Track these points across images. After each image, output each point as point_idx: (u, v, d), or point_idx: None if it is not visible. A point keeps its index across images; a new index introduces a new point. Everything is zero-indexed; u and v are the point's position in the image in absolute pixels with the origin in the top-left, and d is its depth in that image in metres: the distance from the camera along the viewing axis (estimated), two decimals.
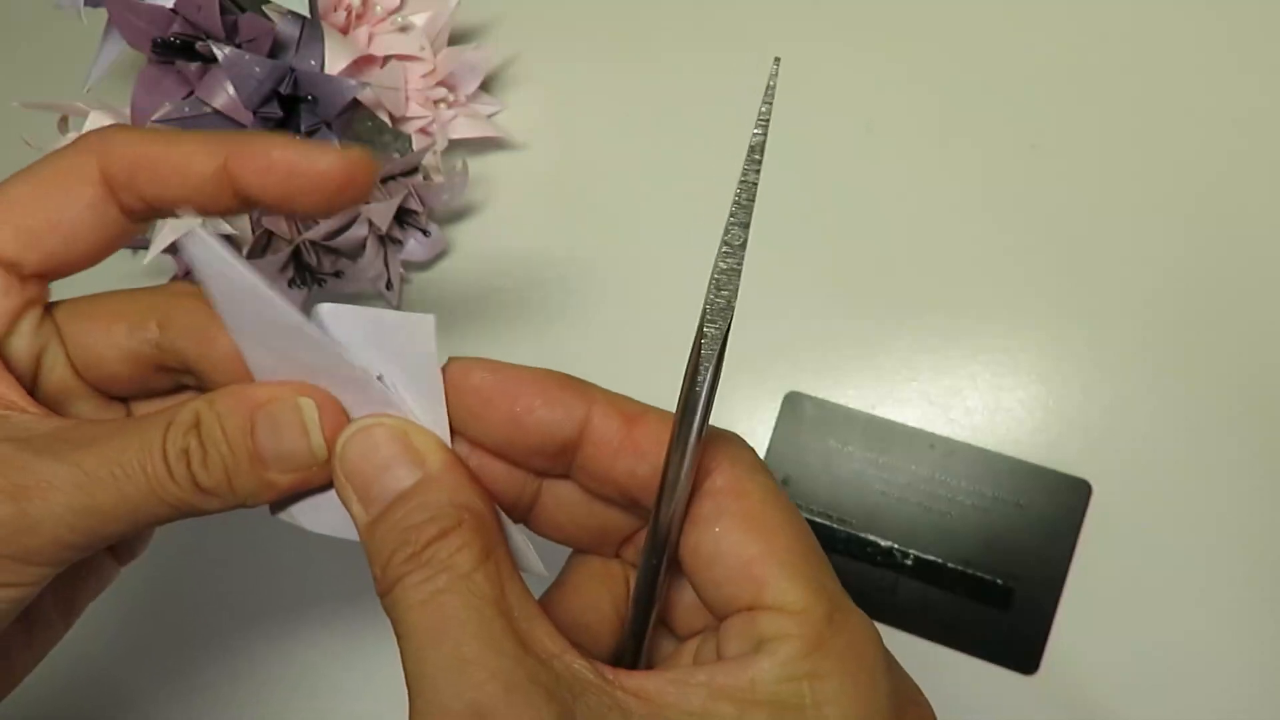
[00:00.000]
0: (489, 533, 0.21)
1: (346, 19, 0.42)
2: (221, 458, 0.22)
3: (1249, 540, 0.40)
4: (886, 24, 0.47)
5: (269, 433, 0.22)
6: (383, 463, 0.22)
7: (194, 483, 0.22)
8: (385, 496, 0.22)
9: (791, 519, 0.22)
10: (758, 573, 0.21)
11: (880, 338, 0.44)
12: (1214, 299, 0.42)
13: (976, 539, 0.41)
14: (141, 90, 0.39)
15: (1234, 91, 0.44)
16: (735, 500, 0.22)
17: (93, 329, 0.25)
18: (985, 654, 0.41)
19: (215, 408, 0.22)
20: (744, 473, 0.22)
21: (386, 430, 0.22)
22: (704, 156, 0.47)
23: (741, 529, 0.22)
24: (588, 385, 0.23)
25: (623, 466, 0.22)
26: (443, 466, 0.22)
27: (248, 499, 0.23)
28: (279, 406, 0.22)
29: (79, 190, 0.24)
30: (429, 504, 0.21)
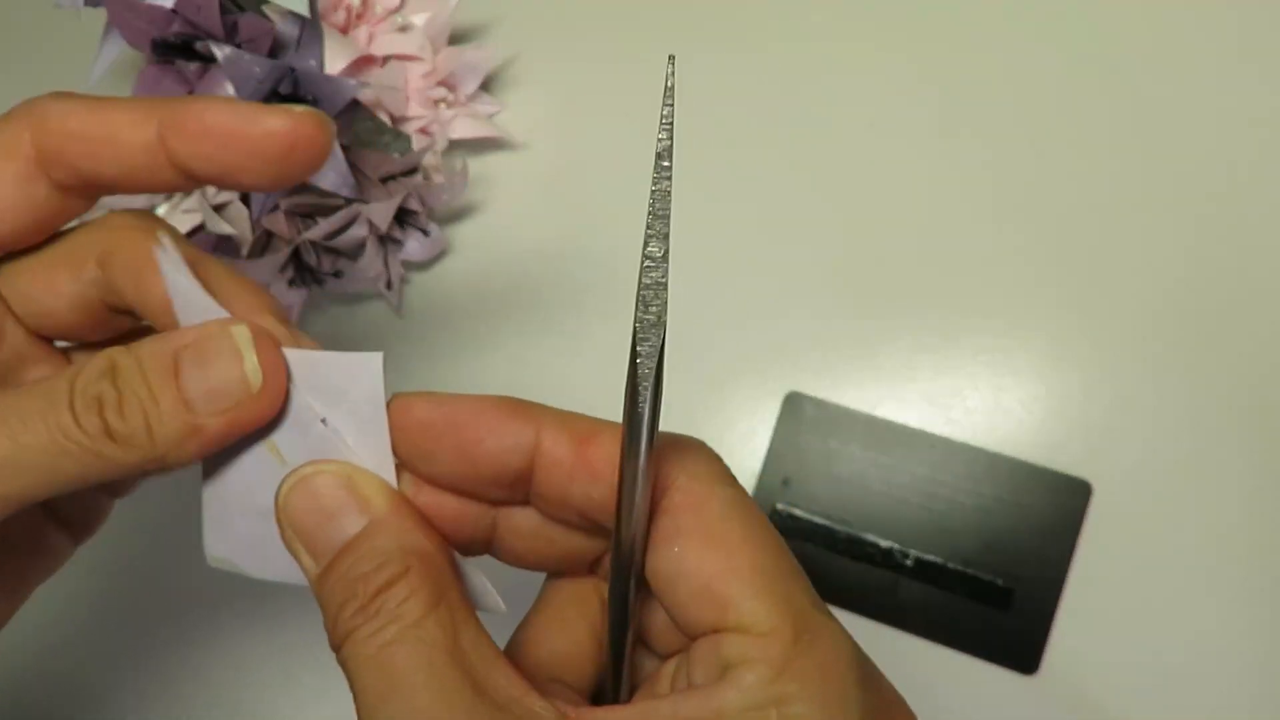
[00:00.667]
0: (440, 576, 0.20)
1: (346, 19, 0.42)
2: (139, 402, 0.20)
3: (1249, 540, 0.40)
4: (888, 23, 0.47)
5: (195, 369, 0.21)
6: (327, 511, 0.21)
7: (105, 431, 0.20)
8: (332, 546, 0.21)
9: (756, 531, 0.21)
10: (720, 592, 0.20)
11: (880, 338, 0.44)
12: (1215, 299, 0.42)
13: (976, 539, 0.41)
14: (141, 90, 0.39)
15: (1234, 92, 0.44)
16: (693, 516, 0.21)
17: (34, 283, 0.23)
18: (985, 654, 0.41)
19: (135, 352, 0.21)
20: (703, 486, 0.21)
21: (329, 477, 0.21)
22: (704, 155, 0.47)
23: (701, 546, 0.21)
24: (536, 408, 0.22)
25: (578, 490, 0.21)
26: (389, 510, 0.21)
27: (170, 451, 0.21)
28: (207, 340, 0.21)
29: (6, 165, 0.22)
30: (375, 551, 0.20)
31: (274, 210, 0.42)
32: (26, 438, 0.20)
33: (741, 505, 0.21)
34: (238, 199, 0.42)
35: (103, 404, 0.20)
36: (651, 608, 0.23)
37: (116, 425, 0.20)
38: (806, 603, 0.21)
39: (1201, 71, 0.45)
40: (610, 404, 0.48)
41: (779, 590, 0.20)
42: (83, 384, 0.20)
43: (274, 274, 0.43)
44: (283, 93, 0.38)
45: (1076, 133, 0.45)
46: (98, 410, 0.20)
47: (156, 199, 0.42)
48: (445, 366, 0.46)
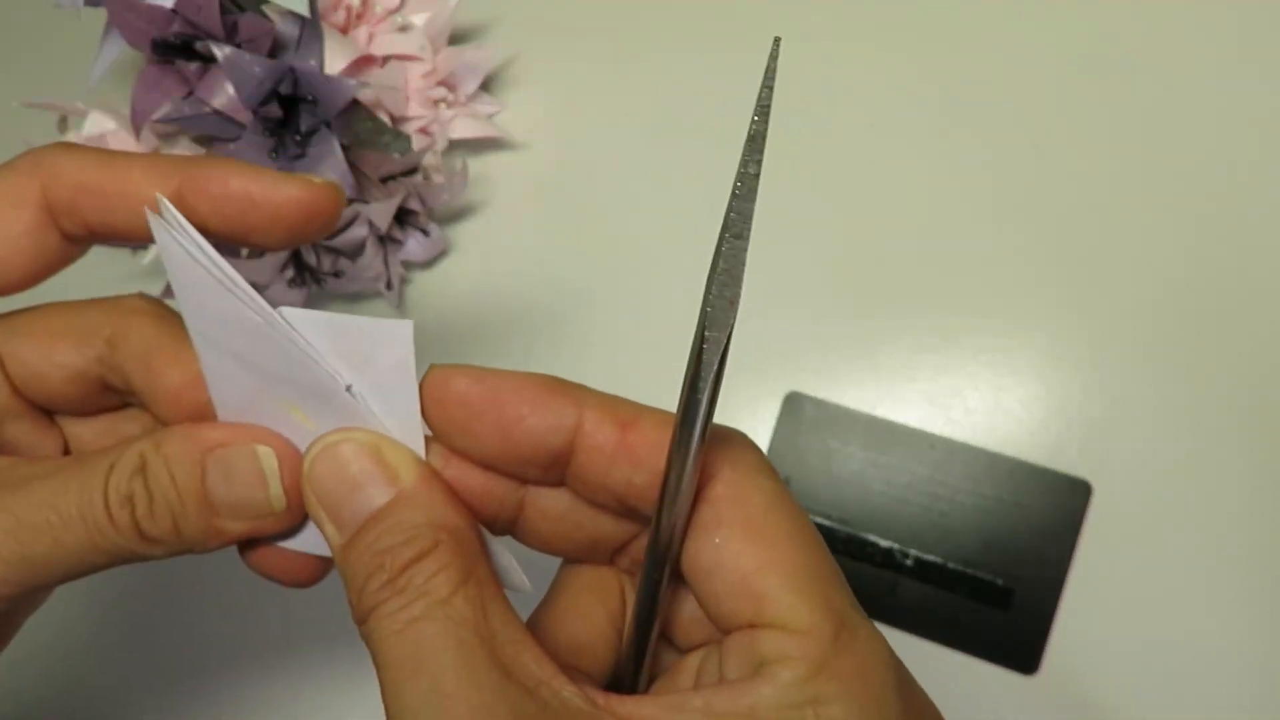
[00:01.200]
0: (469, 552, 0.20)
1: (346, 19, 0.42)
2: (169, 504, 0.21)
3: (1249, 540, 0.40)
4: (888, 22, 0.47)
5: (221, 479, 0.21)
6: (353, 481, 0.20)
7: (137, 530, 0.21)
8: (358, 518, 0.20)
9: (798, 527, 0.21)
10: (759, 587, 0.20)
11: (880, 338, 0.44)
12: (1215, 299, 0.42)
13: (976, 539, 0.41)
14: (141, 90, 0.39)
15: (1234, 92, 0.44)
16: (736, 508, 0.20)
17: (32, 347, 0.23)
18: (985, 654, 0.41)
19: (163, 451, 0.21)
20: (746, 477, 0.21)
21: (356, 445, 0.21)
22: (704, 156, 0.47)
23: (742, 539, 0.20)
24: (578, 389, 0.21)
25: (619, 475, 0.21)
26: (417, 482, 0.21)
27: (195, 546, 0.22)
28: (234, 453, 0.21)
29: (16, 214, 0.22)
30: (404, 524, 0.20)
31: None
32: (66, 536, 0.20)
33: (784, 500, 0.21)
34: None
35: (134, 504, 0.21)
36: (678, 599, 0.23)
37: (147, 526, 0.21)
38: (846, 603, 0.20)
39: (1201, 72, 0.45)
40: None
41: (819, 589, 0.20)
42: (116, 482, 0.21)
43: (274, 273, 0.43)
44: (283, 93, 0.38)
45: (1076, 133, 0.45)
46: (130, 510, 0.21)
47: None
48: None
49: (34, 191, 0.22)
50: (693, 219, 0.46)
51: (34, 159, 0.22)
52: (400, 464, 0.21)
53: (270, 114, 0.39)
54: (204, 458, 0.21)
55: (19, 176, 0.22)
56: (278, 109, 0.39)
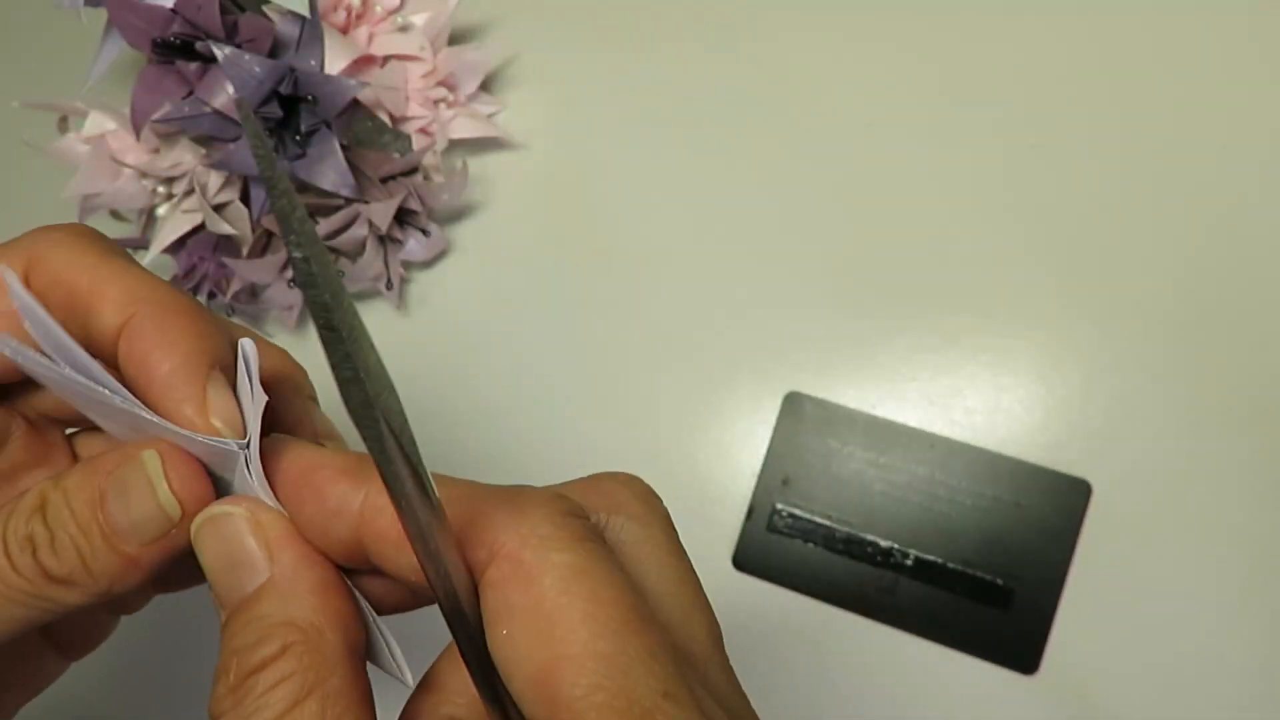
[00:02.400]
0: (321, 661, 0.18)
1: (346, 19, 0.42)
2: (71, 539, 0.19)
3: (1249, 540, 0.40)
4: (888, 23, 0.47)
5: (120, 501, 0.19)
6: (232, 559, 0.19)
7: (43, 573, 0.19)
8: (233, 599, 0.19)
9: (601, 606, 0.17)
10: (551, 688, 0.17)
11: (880, 338, 0.44)
12: (1214, 299, 0.42)
13: (976, 539, 0.41)
14: (141, 90, 0.39)
15: (1236, 95, 0.44)
16: (521, 591, 0.17)
17: None
18: (985, 654, 0.41)
19: (62, 485, 0.20)
20: (533, 552, 0.18)
21: (238, 521, 0.19)
22: (704, 155, 0.47)
23: (530, 628, 0.17)
24: (371, 466, 0.18)
25: (406, 563, 0.18)
26: (290, 568, 0.19)
27: (113, 584, 0.20)
28: (125, 469, 0.19)
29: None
30: (258, 622, 0.18)
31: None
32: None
33: (585, 573, 0.18)
34: (238, 199, 0.42)
35: (35, 545, 0.19)
36: None
37: (52, 566, 0.19)
38: (656, 696, 0.17)
39: (1205, 74, 0.45)
40: (614, 402, 0.48)
41: (619, 683, 0.17)
42: (15, 525, 0.19)
43: (274, 274, 0.43)
44: (283, 93, 0.38)
45: (1076, 133, 0.45)
46: (31, 552, 0.19)
47: (157, 198, 0.42)
48: (446, 365, 0.46)
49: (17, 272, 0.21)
50: (692, 218, 0.46)
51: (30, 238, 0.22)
52: (276, 544, 0.19)
53: (270, 114, 0.39)
54: (102, 485, 0.20)
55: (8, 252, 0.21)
56: (278, 109, 0.39)
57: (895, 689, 0.41)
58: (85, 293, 0.21)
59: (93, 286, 0.21)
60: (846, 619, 0.42)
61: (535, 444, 0.45)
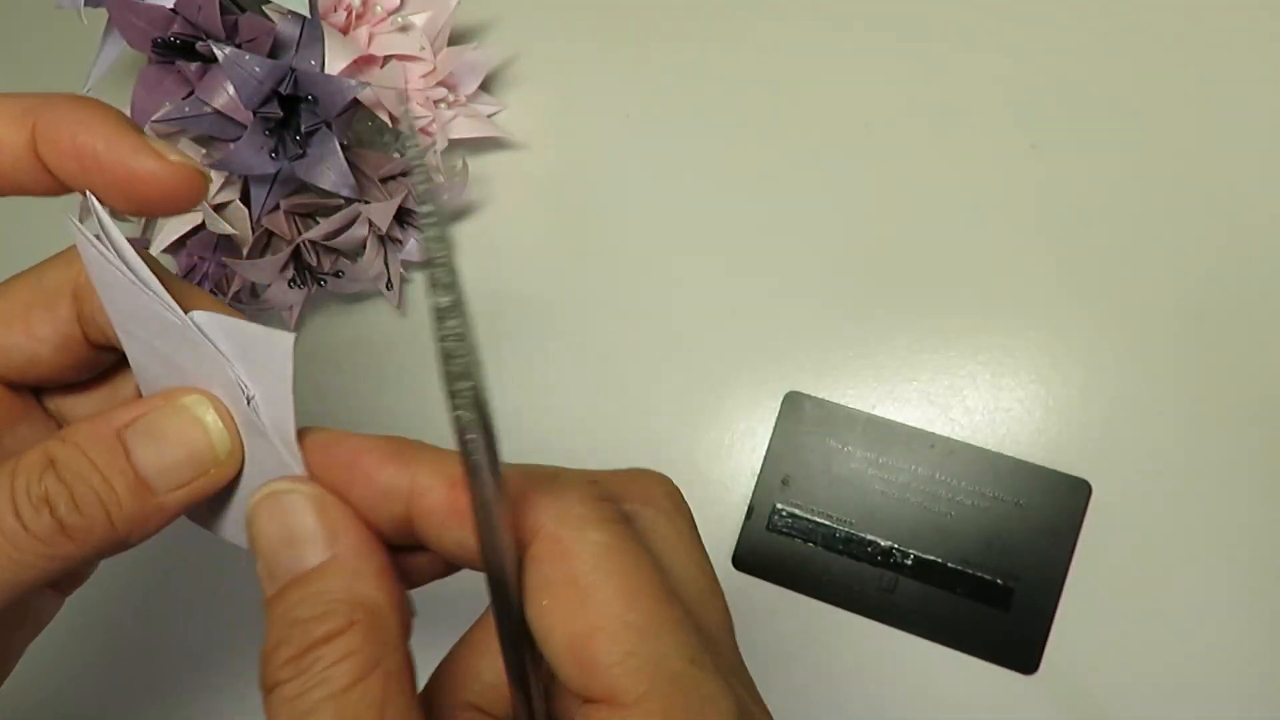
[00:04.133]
0: (382, 640, 0.18)
1: (346, 19, 0.42)
2: (94, 492, 0.19)
3: (1248, 540, 0.40)
4: (887, 23, 0.47)
5: (150, 446, 0.20)
6: (291, 535, 0.19)
7: (61, 531, 0.19)
8: (288, 573, 0.19)
9: (632, 580, 0.19)
10: (587, 655, 0.18)
11: (880, 338, 0.44)
12: (1215, 299, 0.42)
13: (976, 539, 0.41)
14: (142, 90, 0.39)
15: (1236, 92, 0.44)
16: (559, 566, 0.19)
17: (12, 331, 0.22)
18: (985, 654, 0.41)
19: (72, 440, 0.20)
20: (571, 531, 0.19)
21: (302, 499, 0.20)
22: (704, 154, 0.47)
23: (567, 600, 0.18)
24: (415, 448, 0.20)
25: (450, 537, 0.20)
26: (353, 548, 0.19)
27: (133, 532, 0.20)
28: (156, 415, 0.20)
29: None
30: (323, 595, 0.19)
31: (274, 210, 0.42)
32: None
33: (618, 551, 0.19)
34: (238, 199, 0.42)
35: (52, 502, 0.19)
36: None
37: (72, 520, 0.19)
38: (683, 662, 0.18)
39: (1205, 73, 0.45)
40: (611, 400, 0.48)
41: (651, 649, 0.18)
42: (24, 485, 0.19)
43: (275, 274, 0.43)
44: (283, 93, 0.38)
45: (1076, 132, 0.45)
46: (48, 510, 0.19)
47: None
48: None
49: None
50: (692, 218, 0.46)
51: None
52: (343, 525, 0.19)
53: (270, 114, 0.39)
54: (120, 434, 0.20)
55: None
56: (278, 109, 0.39)
57: (895, 689, 0.41)
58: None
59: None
60: (846, 619, 0.42)
61: (535, 443, 0.45)
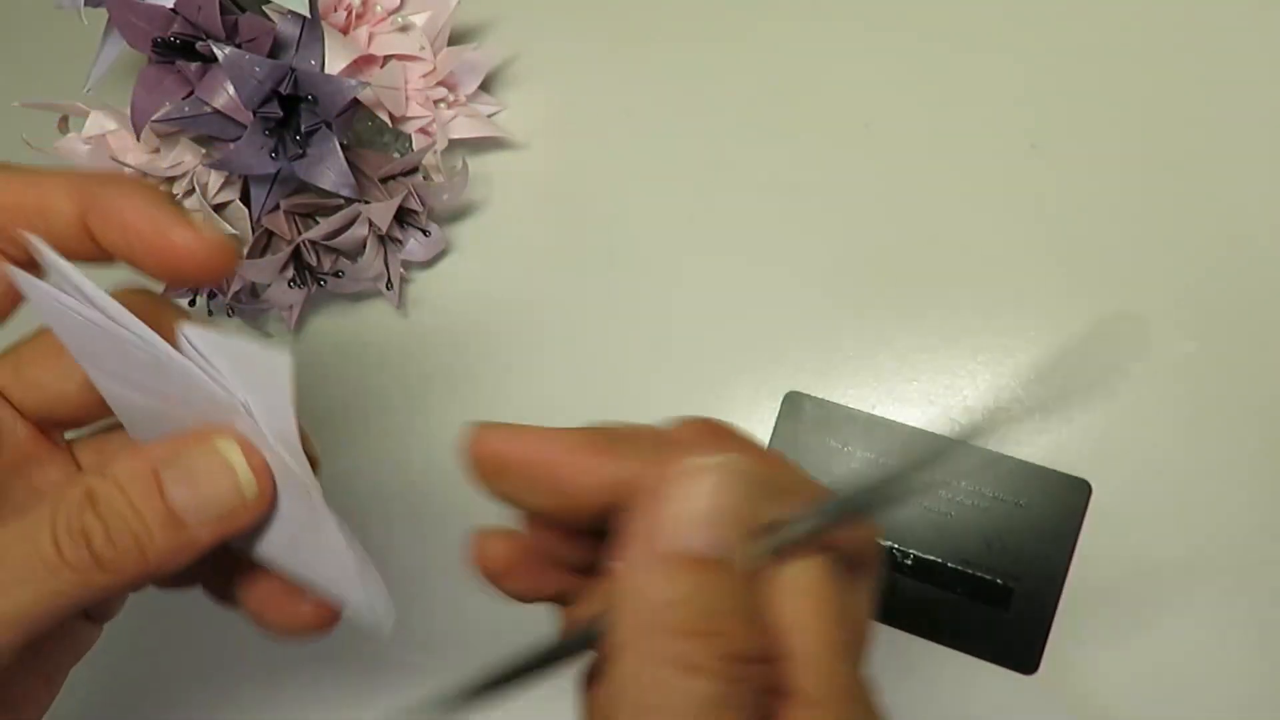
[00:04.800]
0: (755, 694, 0.20)
1: (347, 19, 0.42)
2: (128, 527, 0.20)
3: (1248, 540, 0.40)
4: (887, 23, 0.47)
5: (183, 484, 0.21)
6: (701, 518, 0.20)
7: (96, 563, 0.20)
8: (656, 543, 0.20)
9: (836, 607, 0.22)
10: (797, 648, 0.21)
11: (880, 338, 0.44)
12: (1215, 298, 0.42)
13: (976, 539, 0.41)
14: (142, 90, 0.39)
15: (1237, 91, 0.44)
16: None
17: (44, 369, 0.23)
18: (985, 654, 0.41)
19: (111, 477, 0.21)
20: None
21: (722, 479, 0.21)
22: (704, 154, 0.47)
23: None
24: (622, 441, 0.21)
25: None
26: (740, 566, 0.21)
27: (164, 565, 0.21)
28: (190, 454, 0.21)
29: None
30: (704, 607, 0.20)
31: (274, 210, 0.42)
32: (17, 590, 0.20)
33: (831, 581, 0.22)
34: (238, 199, 0.42)
35: (89, 535, 0.20)
36: None
37: (107, 554, 0.20)
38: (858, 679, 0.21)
39: (1205, 73, 0.45)
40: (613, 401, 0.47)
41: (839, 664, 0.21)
42: (64, 520, 0.20)
43: (275, 274, 0.43)
44: (283, 93, 0.38)
45: (1077, 133, 0.45)
46: (85, 543, 0.20)
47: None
48: (446, 364, 0.46)
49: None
50: (692, 217, 0.46)
51: None
52: (729, 525, 0.20)
53: (270, 114, 0.39)
54: (156, 472, 0.21)
55: None
56: (278, 109, 0.39)
57: (895, 689, 0.41)
58: (33, 198, 0.21)
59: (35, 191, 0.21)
60: None
61: None
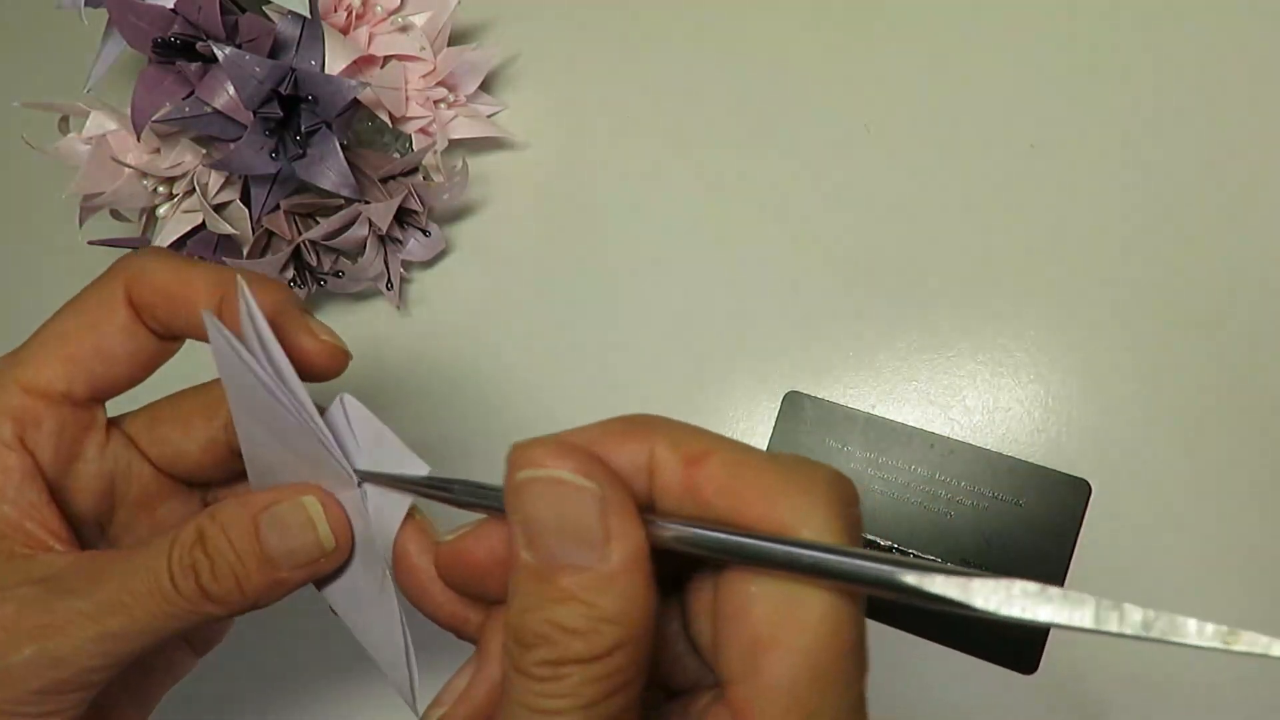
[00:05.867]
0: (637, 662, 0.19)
1: (347, 19, 0.42)
2: (230, 566, 0.24)
3: (1247, 539, 0.40)
4: (886, 26, 0.47)
5: (276, 533, 0.24)
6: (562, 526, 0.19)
7: (203, 594, 0.23)
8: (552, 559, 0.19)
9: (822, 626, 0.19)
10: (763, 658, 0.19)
11: (880, 338, 0.44)
12: (1213, 299, 0.42)
13: (976, 539, 0.41)
14: (142, 90, 0.39)
15: (1231, 96, 0.44)
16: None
17: (172, 431, 0.27)
18: (985, 654, 0.41)
19: (218, 520, 0.24)
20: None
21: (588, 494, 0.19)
22: (704, 155, 0.47)
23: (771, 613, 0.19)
24: (650, 423, 0.20)
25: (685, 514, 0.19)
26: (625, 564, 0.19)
27: (259, 600, 0.24)
28: (283, 508, 0.24)
29: (111, 316, 0.25)
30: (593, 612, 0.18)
31: (274, 210, 0.42)
32: (139, 612, 0.23)
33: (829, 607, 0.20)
34: (238, 199, 0.42)
35: (198, 571, 0.23)
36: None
37: (211, 588, 0.23)
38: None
39: (1204, 73, 0.45)
40: (613, 401, 0.47)
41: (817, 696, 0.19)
42: (179, 555, 0.24)
43: (275, 273, 0.43)
44: (283, 93, 0.39)
45: (1076, 134, 0.45)
46: (194, 578, 0.23)
47: (158, 198, 0.43)
48: (445, 364, 0.46)
49: (121, 295, 0.25)
50: (692, 217, 0.46)
51: (122, 264, 0.26)
52: (621, 533, 0.19)
53: (271, 114, 0.39)
54: (255, 519, 0.24)
55: (110, 282, 0.26)
56: (278, 109, 0.39)
57: (895, 689, 0.41)
58: (179, 290, 0.25)
59: (183, 284, 0.25)
60: None
61: None
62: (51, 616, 0.23)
